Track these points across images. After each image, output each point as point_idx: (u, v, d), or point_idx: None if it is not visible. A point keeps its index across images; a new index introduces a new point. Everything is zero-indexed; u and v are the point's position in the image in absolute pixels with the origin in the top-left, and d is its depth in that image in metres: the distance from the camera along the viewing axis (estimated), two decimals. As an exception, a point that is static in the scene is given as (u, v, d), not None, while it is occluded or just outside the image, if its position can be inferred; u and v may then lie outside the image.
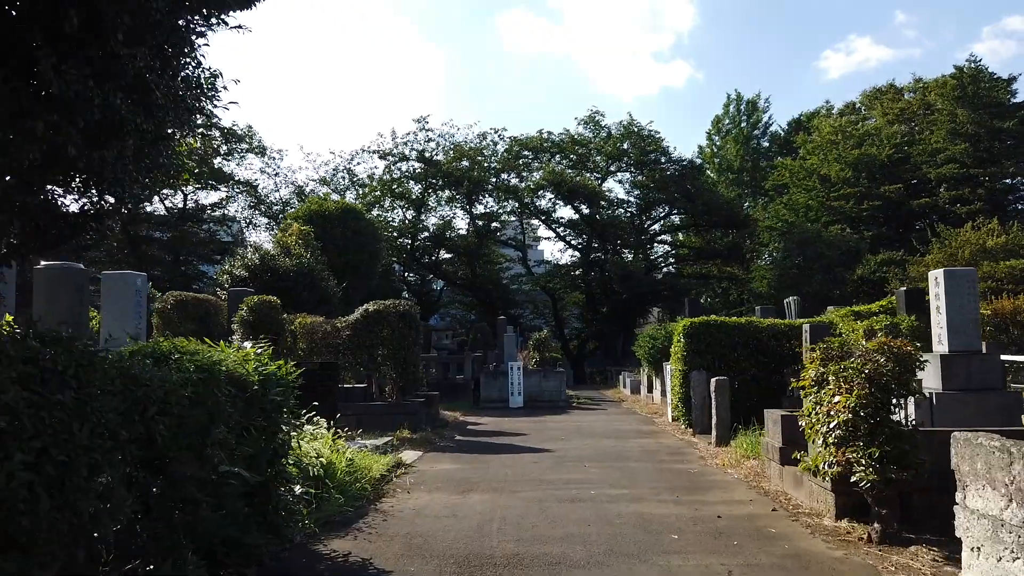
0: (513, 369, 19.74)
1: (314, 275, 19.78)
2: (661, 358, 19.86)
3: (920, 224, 40.50)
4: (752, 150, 51.55)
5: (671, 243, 48.71)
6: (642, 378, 23.43)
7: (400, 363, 13.84)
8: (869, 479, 5.55)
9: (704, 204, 41.32)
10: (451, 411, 18.11)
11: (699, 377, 12.78)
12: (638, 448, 11.74)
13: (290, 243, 20.30)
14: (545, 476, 9.12)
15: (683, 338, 13.18)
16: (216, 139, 43.04)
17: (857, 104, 48.75)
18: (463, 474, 9.36)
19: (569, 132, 44.21)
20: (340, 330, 13.91)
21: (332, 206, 24.51)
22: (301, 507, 6.25)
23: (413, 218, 43.43)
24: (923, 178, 38.32)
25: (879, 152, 38.66)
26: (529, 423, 15.95)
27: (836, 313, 14.22)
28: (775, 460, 8.18)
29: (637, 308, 42.71)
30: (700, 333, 13.00)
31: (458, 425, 15.91)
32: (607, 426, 15.32)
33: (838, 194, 39.82)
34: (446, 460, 10.68)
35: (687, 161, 44.17)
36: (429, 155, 42.40)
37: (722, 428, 11.38)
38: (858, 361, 5.81)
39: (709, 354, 12.93)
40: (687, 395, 13.13)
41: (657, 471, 9.41)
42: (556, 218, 44.76)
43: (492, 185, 43.01)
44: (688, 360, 13.04)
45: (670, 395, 15.47)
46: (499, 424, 15.91)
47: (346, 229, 23.93)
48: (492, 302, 41.71)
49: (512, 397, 19.73)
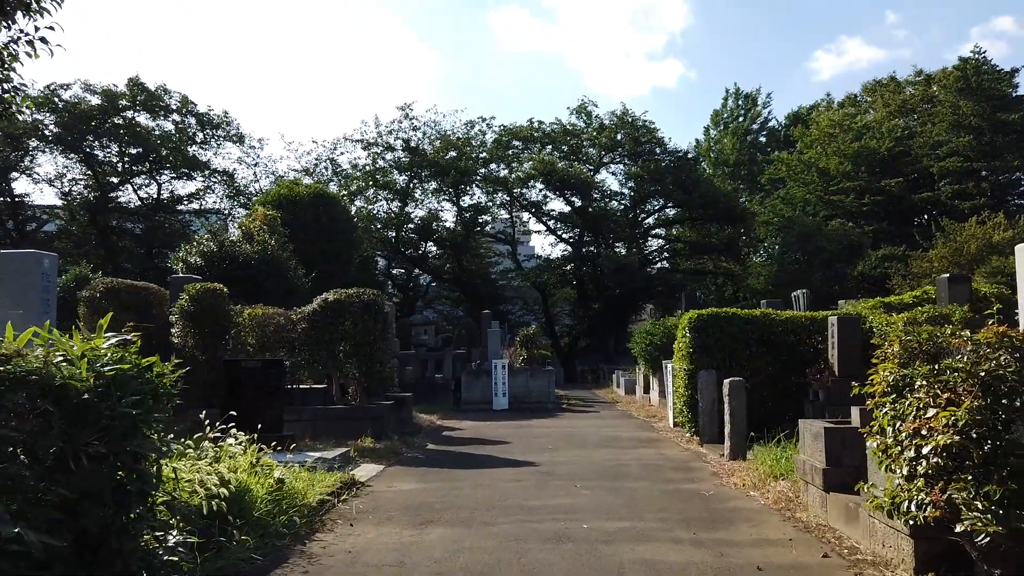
0: (497, 368, 17.99)
1: (279, 263, 18.01)
2: (659, 356, 18.15)
3: (920, 219, 39.59)
4: (749, 145, 50.24)
5: (665, 237, 47.04)
6: (638, 377, 21.73)
7: (365, 360, 12.06)
8: (987, 530, 3.83)
9: (700, 196, 39.65)
10: (428, 414, 16.34)
11: (708, 378, 11.06)
12: (638, 461, 10.02)
13: (253, 229, 18.47)
14: (527, 501, 7.38)
15: (689, 333, 11.45)
16: (191, 126, 41.32)
17: (857, 97, 47.53)
18: (426, 497, 7.61)
19: (561, 122, 42.48)
20: (295, 322, 12.12)
21: (304, 191, 22.66)
22: (183, 561, 4.48)
23: (398, 210, 41.58)
24: (924, 172, 37.32)
25: (879, 145, 37.60)
26: (513, 428, 14.21)
27: (863, 305, 12.54)
28: (815, 484, 6.47)
29: (630, 304, 41.03)
30: (708, 327, 11.27)
31: (433, 431, 14.14)
32: (601, 432, 13.59)
33: (837, 188, 38.79)
34: (410, 477, 8.93)
35: (683, 152, 42.50)
36: (415, 144, 40.59)
37: (737, 438, 9.66)
38: (966, 360, 4.09)
39: (719, 351, 11.21)
40: (693, 398, 11.41)
41: (664, 494, 7.68)
42: (547, 211, 43.05)
43: (480, 176, 41.18)
44: (695, 358, 11.31)
45: (672, 398, 13.75)
46: (479, 430, 14.16)
47: (319, 215, 22.11)
48: (480, 297, 39.87)
49: (496, 398, 17.98)
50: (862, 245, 36.44)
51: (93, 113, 36.06)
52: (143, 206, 39.72)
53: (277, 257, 18.21)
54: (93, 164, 37.20)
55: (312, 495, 6.93)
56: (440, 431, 14.13)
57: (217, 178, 41.14)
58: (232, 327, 12.14)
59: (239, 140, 41.53)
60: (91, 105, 36.08)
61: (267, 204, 22.02)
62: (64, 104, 35.41)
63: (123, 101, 37.16)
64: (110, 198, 38.30)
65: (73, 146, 35.89)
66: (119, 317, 12.62)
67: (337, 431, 11.37)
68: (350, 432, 11.28)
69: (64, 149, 36.19)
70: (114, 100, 36.75)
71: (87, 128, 35.68)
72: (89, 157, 37.15)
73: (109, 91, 36.60)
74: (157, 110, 39.07)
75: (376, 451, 10.50)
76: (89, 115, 35.73)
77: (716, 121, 52.81)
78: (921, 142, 37.03)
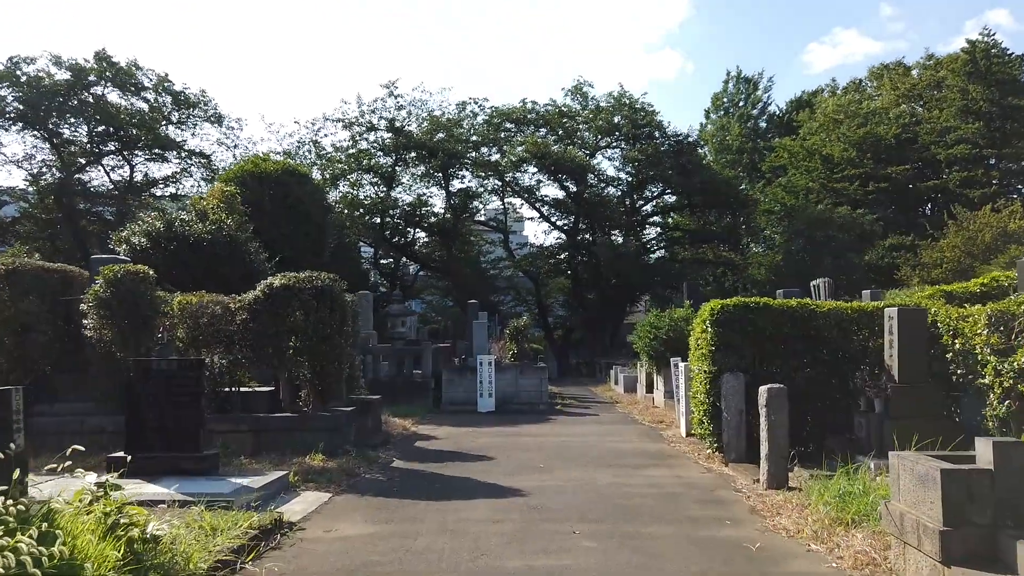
0: (483, 364, 15.94)
1: (237, 245, 15.95)
2: (665, 352, 16.16)
3: (926, 209, 38.27)
4: (750, 131, 48.41)
5: (663, 225, 44.93)
6: (639, 375, 19.74)
7: (319, 358, 10.00)
8: None
9: (701, 182, 37.60)
10: (403, 418, 14.29)
11: (734, 382, 9.03)
12: (652, 488, 8.00)
13: (208, 207, 16.35)
14: (506, 559, 5.35)
15: (710, 327, 9.42)
16: (166, 105, 39.13)
17: (862, 82, 45.96)
18: (372, 551, 5.58)
19: (555, 103, 40.34)
20: (234, 312, 10.04)
21: (270, 166, 20.46)
22: None
23: (384, 194, 39.40)
24: (932, 159, 36.06)
25: (885, 132, 36.46)
26: (499, 437, 12.19)
27: (918, 294, 10.56)
28: (925, 550, 4.45)
29: (627, 295, 39.06)
30: (735, 320, 9.24)
31: (404, 441, 12.09)
32: (602, 443, 11.58)
33: (841, 175, 37.69)
34: (359, 514, 6.89)
35: (683, 135, 40.42)
36: (399, 125, 38.40)
37: (777, 461, 7.65)
38: None
39: (747, 349, 9.19)
40: (715, 406, 9.37)
41: (694, 547, 5.66)
42: (540, 196, 40.90)
43: (471, 160, 38.95)
44: (717, 358, 9.28)
45: (687, 403, 11.73)
46: (459, 439, 12.13)
47: (287, 194, 19.97)
48: (470, 286, 37.72)
49: (481, 399, 15.95)
50: (872, 233, 34.81)
51: (59, 89, 33.80)
52: (115, 189, 37.44)
53: (235, 238, 16.13)
54: (59, 143, 34.99)
55: (203, 557, 4.88)
56: (413, 440, 12.09)
57: (194, 160, 38.87)
58: (159, 318, 10.06)
59: (217, 121, 39.21)
60: (58, 81, 33.86)
61: (230, 181, 19.88)
62: (28, 79, 33.12)
63: (92, 76, 34.93)
64: (77, 180, 35.99)
65: (37, 123, 33.62)
66: (20, 304, 10.61)
67: (282, 445, 9.33)
68: (299, 446, 9.25)
69: (27, 127, 33.91)
70: (83, 75, 34.53)
71: (53, 105, 33.44)
72: (55, 135, 34.91)
73: (78, 66, 34.38)
74: (128, 87, 36.87)
75: (326, 472, 8.46)
76: (55, 91, 33.48)
77: (717, 105, 50.90)
78: (929, 128, 35.85)
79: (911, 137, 36.20)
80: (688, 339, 11.26)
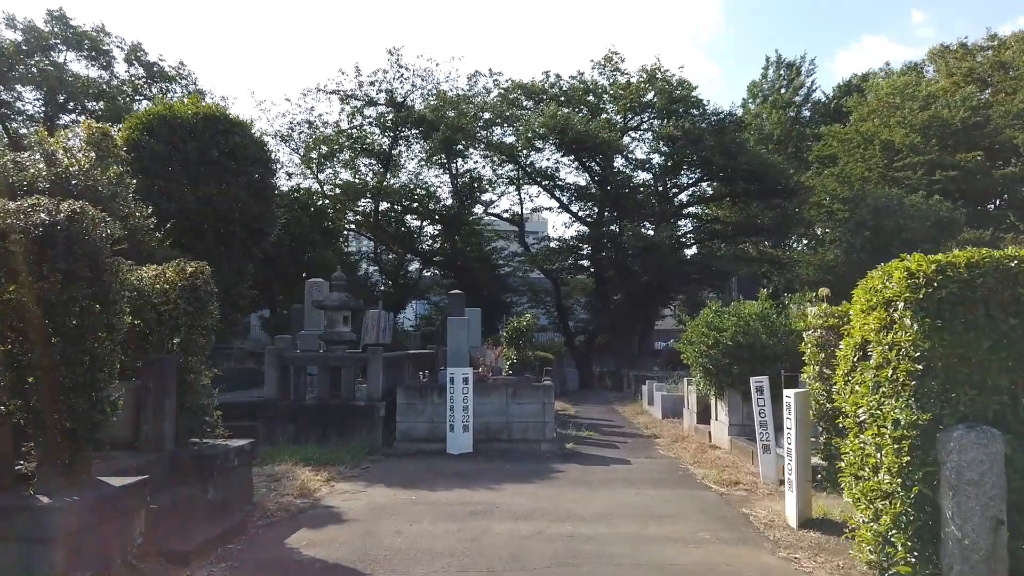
0: (456, 382, 10.53)
1: (107, 204, 10.82)
2: (731, 365, 10.75)
3: (997, 201, 33.66)
4: (791, 119, 43.04)
5: (701, 217, 39.16)
6: (686, 395, 14.30)
7: (58, 378, 4.74)
8: None
9: (747, 163, 31.73)
10: (320, 468, 8.94)
11: (978, 452, 3.62)
12: None
13: (62, 146, 11.18)
14: None
15: (911, 317, 4.02)
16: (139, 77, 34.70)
17: (921, 63, 40.94)
18: None
19: (581, 76, 34.99)
20: None
21: (189, 110, 15.19)
22: None
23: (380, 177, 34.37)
24: (1006, 144, 31.82)
25: (951, 115, 31.91)
26: (453, 523, 6.77)
27: None
28: None
29: (659, 294, 33.38)
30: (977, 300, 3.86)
31: (270, 531, 6.61)
32: (641, 547, 6.12)
33: (902, 163, 32.67)
34: None
35: (725, 113, 34.75)
36: (402, 99, 33.36)
37: None
38: None
39: (995, 369, 3.79)
40: (931, 504, 3.95)
41: None
42: (560, 182, 35.46)
43: (482, 140, 33.65)
44: (931, 390, 3.88)
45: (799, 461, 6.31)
46: (377, 529, 6.65)
47: (210, 147, 14.78)
48: (479, 284, 32.36)
49: (452, 434, 10.52)
50: (954, 222, 29.19)
51: (10, 51, 29.53)
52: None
53: (102, 195, 10.97)
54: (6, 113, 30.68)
55: None
56: (290, 529, 6.63)
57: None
58: None
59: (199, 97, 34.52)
60: (8, 42, 29.68)
61: (133, 129, 14.77)
62: (-26, 40, 28.98)
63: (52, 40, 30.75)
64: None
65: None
66: None
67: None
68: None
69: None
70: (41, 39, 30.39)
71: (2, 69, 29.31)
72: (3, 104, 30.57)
73: (34, 27, 30.22)
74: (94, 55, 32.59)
75: None
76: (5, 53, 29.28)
77: (754, 93, 45.61)
78: (1002, 111, 31.44)
79: (980, 121, 31.90)
80: (786, 346, 5.82)
